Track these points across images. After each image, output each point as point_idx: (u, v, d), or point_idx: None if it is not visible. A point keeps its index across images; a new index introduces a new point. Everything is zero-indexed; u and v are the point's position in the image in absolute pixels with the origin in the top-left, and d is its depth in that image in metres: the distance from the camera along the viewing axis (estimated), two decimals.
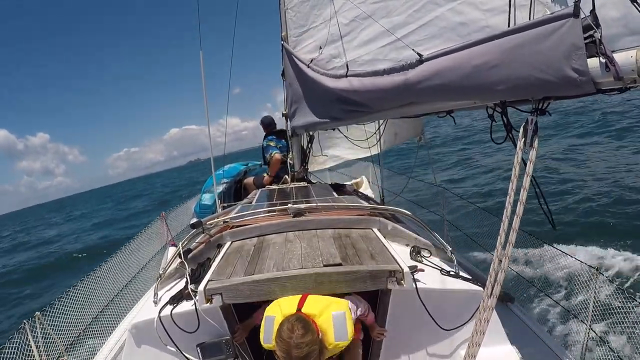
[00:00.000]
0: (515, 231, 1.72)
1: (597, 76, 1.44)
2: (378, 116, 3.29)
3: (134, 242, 4.79)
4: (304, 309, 1.75)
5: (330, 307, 1.76)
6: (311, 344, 1.61)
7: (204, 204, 6.18)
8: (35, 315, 2.78)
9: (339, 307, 1.77)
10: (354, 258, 2.19)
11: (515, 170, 1.73)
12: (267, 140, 6.12)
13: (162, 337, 1.99)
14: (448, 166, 16.13)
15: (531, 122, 1.65)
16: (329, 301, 1.81)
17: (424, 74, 2.12)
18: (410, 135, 6.13)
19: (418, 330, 2.10)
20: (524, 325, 2.79)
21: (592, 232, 7.31)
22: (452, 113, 2.78)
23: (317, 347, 1.63)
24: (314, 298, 1.82)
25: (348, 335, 1.70)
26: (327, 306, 1.76)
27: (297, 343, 1.58)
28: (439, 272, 2.26)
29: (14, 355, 2.58)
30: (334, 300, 1.82)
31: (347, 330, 1.70)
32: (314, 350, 1.62)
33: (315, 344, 1.63)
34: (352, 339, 1.72)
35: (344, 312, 1.74)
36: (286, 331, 1.62)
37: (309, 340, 1.60)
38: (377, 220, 2.82)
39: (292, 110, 4.63)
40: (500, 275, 1.78)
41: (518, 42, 1.60)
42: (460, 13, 2.16)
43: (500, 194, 9.93)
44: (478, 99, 2.03)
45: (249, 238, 2.75)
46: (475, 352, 1.82)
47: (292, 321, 1.66)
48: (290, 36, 4.40)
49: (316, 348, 1.63)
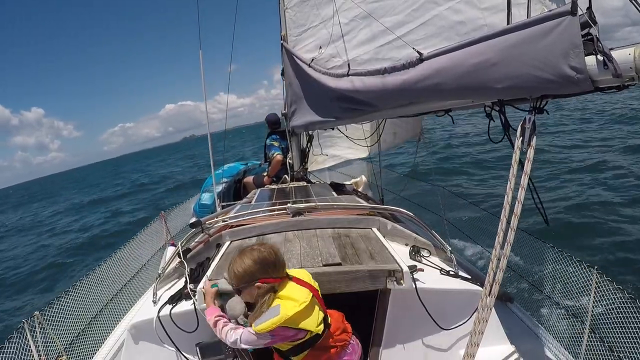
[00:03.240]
0: (513, 230, 1.72)
1: (595, 74, 1.44)
2: (377, 115, 3.29)
3: (133, 241, 4.79)
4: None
5: (293, 300, 1.59)
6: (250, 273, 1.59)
7: (203, 204, 6.18)
8: (34, 314, 2.78)
9: (290, 307, 1.56)
10: (354, 258, 2.18)
11: (513, 169, 1.73)
12: (271, 139, 6.11)
13: (161, 336, 1.99)
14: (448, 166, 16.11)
15: (529, 121, 1.65)
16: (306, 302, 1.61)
17: (424, 73, 2.12)
18: (410, 135, 6.13)
19: (417, 330, 2.10)
20: (523, 324, 2.79)
21: (592, 232, 7.30)
22: (450, 112, 2.78)
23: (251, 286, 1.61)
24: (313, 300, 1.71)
25: (259, 326, 1.54)
26: (295, 298, 1.59)
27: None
28: (438, 271, 2.26)
29: (13, 354, 2.58)
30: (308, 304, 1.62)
31: (264, 324, 1.54)
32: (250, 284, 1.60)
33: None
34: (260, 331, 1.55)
35: (281, 315, 1.54)
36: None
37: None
38: (376, 220, 2.82)
39: (291, 109, 4.63)
40: (499, 275, 1.78)
41: (516, 41, 1.60)
42: (459, 12, 2.16)
43: (499, 193, 9.93)
44: (476, 98, 2.03)
45: (249, 238, 2.75)
46: (474, 351, 1.82)
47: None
48: (289, 35, 4.40)
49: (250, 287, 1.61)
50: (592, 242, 6.82)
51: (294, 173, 5.53)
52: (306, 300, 1.61)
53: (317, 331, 1.62)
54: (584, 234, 7.25)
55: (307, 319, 1.60)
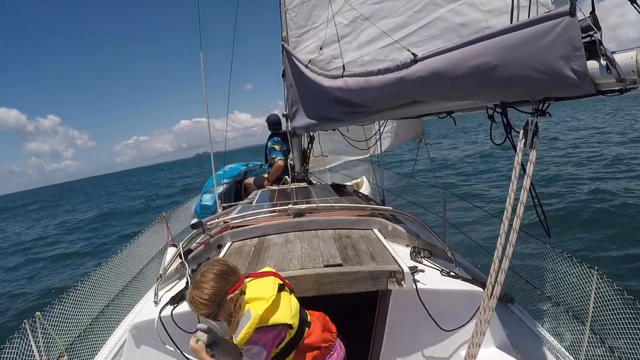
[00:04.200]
0: (515, 232, 1.72)
1: (597, 77, 1.44)
2: (377, 117, 3.29)
3: (134, 242, 4.79)
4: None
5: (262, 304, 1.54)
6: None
7: (204, 204, 6.19)
8: (35, 315, 2.78)
9: (258, 310, 1.53)
10: (354, 259, 2.19)
11: (515, 171, 1.73)
12: (273, 142, 6.13)
13: (163, 337, 1.99)
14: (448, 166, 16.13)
15: (531, 123, 1.65)
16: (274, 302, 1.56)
17: (420, 74, 2.12)
18: (411, 137, 6.14)
19: (418, 331, 2.10)
20: (524, 325, 2.79)
21: (592, 232, 7.30)
22: (452, 114, 2.78)
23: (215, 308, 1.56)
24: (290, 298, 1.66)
25: (239, 336, 1.52)
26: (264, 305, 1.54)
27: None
28: (439, 272, 2.26)
29: (14, 355, 2.58)
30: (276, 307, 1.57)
31: (241, 332, 1.52)
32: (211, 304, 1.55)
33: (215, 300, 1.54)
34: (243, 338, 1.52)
35: (252, 317, 1.51)
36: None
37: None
38: (377, 221, 2.82)
39: (292, 110, 4.64)
40: (501, 276, 1.78)
41: (515, 41, 1.60)
42: (461, 14, 2.16)
43: (500, 194, 9.92)
44: (477, 100, 2.03)
45: (250, 238, 2.75)
46: (475, 352, 1.83)
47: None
48: (290, 37, 4.41)
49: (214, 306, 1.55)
50: (592, 241, 6.82)
51: (295, 174, 5.54)
52: (272, 293, 1.57)
53: (291, 322, 1.58)
54: (585, 233, 7.26)
55: (278, 312, 1.56)
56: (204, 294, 1.55)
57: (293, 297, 1.70)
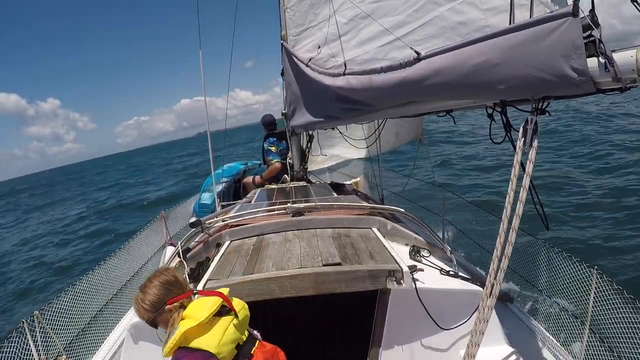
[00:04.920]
0: (514, 231, 1.72)
1: (597, 76, 1.44)
2: (377, 115, 3.28)
3: (132, 241, 4.79)
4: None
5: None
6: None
7: (203, 203, 6.19)
8: (33, 314, 2.77)
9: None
10: (354, 258, 2.18)
11: (514, 169, 1.73)
12: (269, 144, 6.13)
13: (161, 336, 1.99)
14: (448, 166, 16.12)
15: (531, 122, 1.65)
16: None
17: (422, 72, 2.12)
18: (411, 136, 6.12)
19: (417, 330, 2.10)
20: (523, 325, 2.79)
21: (592, 232, 7.31)
22: (451, 112, 2.78)
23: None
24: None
25: (164, 349, 1.48)
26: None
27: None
28: (438, 271, 2.26)
29: (13, 354, 2.58)
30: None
31: (166, 345, 1.48)
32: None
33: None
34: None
35: (176, 334, 1.46)
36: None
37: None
38: (376, 220, 2.82)
39: (291, 109, 4.63)
40: (500, 275, 1.78)
41: (517, 41, 1.60)
42: (460, 12, 2.15)
43: (500, 193, 9.93)
44: (478, 98, 2.03)
45: (248, 237, 2.75)
46: (474, 351, 1.82)
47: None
48: (289, 35, 4.40)
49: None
50: (592, 241, 6.83)
51: (294, 173, 5.53)
52: (205, 315, 1.47)
53: (216, 351, 1.41)
54: (585, 233, 7.27)
55: (204, 336, 1.45)
56: (145, 299, 1.58)
57: (234, 326, 1.53)
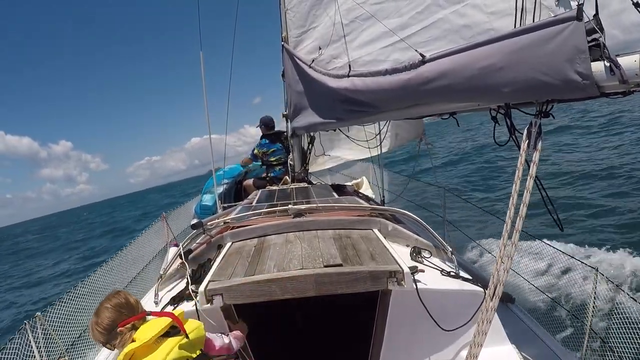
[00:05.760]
0: (518, 232, 1.72)
1: (601, 80, 1.44)
2: (381, 117, 3.28)
3: (135, 242, 4.79)
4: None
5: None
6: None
7: (204, 205, 6.19)
8: (35, 315, 2.78)
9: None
10: (355, 259, 2.18)
11: (518, 172, 1.73)
12: (259, 146, 6.31)
13: None
14: (449, 166, 16.14)
15: (535, 125, 1.66)
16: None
17: (427, 75, 2.12)
18: (412, 137, 6.14)
19: (419, 331, 2.10)
20: (525, 325, 2.80)
21: (592, 231, 7.32)
22: (455, 115, 2.78)
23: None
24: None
25: None
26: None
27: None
28: (439, 272, 2.26)
29: (15, 355, 2.58)
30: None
31: None
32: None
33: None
34: None
35: (120, 355, 1.47)
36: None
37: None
38: (377, 221, 2.82)
39: (292, 111, 4.63)
40: (503, 276, 1.78)
41: (522, 45, 1.60)
42: (464, 15, 2.15)
43: (502, 195, 9.94)
44: (482, 101, 2.03)
45: (250, 239, 2.75)
46: (477, 352, 1.82)
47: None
48: (290, 37, 4.40)
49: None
50: (592, 241, 6.83)
51: (295, 174, 5.54)
52: (149, 337, 1.48)
53: None
54: (585, 233, 7.28)
55: (148, 357, 1.46)
56: (98, 323, 1.59)
57: (180, 346, 1.53)
